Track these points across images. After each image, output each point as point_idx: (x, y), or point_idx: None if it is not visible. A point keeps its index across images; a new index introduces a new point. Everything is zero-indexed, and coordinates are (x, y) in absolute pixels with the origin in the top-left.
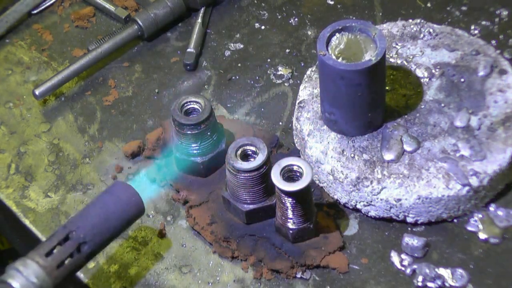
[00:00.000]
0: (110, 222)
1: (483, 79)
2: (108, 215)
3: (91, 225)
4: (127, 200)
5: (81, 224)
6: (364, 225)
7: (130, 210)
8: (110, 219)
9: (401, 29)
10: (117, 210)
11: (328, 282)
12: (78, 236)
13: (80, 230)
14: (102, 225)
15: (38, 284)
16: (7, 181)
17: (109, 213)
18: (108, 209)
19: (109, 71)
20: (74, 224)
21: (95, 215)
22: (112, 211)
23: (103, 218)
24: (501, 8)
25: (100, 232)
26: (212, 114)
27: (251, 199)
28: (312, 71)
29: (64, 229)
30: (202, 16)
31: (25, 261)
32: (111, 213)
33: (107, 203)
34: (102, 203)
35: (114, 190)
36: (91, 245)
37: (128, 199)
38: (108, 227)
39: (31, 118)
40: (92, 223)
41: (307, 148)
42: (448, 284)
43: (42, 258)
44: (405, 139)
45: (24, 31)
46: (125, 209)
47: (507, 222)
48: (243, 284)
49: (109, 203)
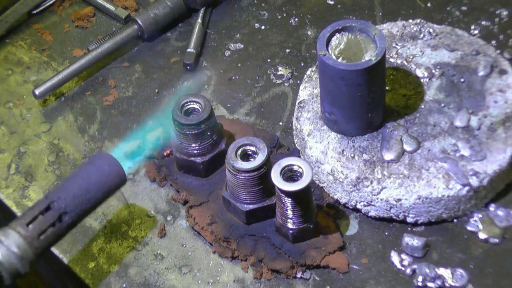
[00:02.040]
0: (91, 192)
1: (483, 79)
2: (90, 185)
3: (72, 195)
4: (108, 170)
5: (62, 194)
6: (364, 225)
7: (111, 180)
8: (92, 189)
9: (401, 29)
10: (98, 180)
11: (328, 282)
12: (60, 206)
13: (61, 200)
14: (83, 195)
15: (19, 253)
16: (7, 181)
17: (91, 183)
18: (90, 179)
19: (109, 71)
20: (56, 195)
21: (76, 185)
22: (94, 181)
23: (84, 188)
24: (501, 8)
25: (81, 202)
26: (212, 114)
27: (251, 199)
28: (312, 71)
29: (45, 199)
30: (202, 16)
31: (6, 231)
32: (92, 183)
33: (88, 173)
34: (83, 173)
35: (96, 160)
36: (72, 215)
37: (109, 169)
38: (89, 197)
39: (31, 118)
40: (73, 193)
41: (307, 148)
42: (448, 284)
43: (24, 228)
44: (405, 139)
45: (24, 31)
46: (106, 179)
47: (507, 222)
48: (243, 284)
49: (91, 173)
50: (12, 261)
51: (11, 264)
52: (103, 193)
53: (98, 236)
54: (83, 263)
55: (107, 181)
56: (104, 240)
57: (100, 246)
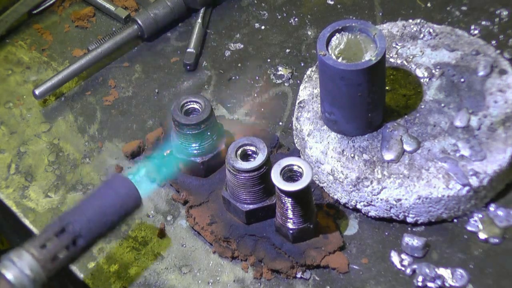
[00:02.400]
0: (106, 216)
1: (483, 79)
2: (105, 209)
3: (88, 219)
4: (124, 194)
5: (78, 217)
6: (364, 225)
7: (127, 204)
8: (107, 212)
9: (401, 29)
10: (114, 204)
11: (328, 282)
12: (74, 229)
13: (76, 223)
14: (99, 218)
15: (32, 276)
16: (7, 181)
17: (106, 207)
18: (105, 202)
19: (109, 71)
20: (71, 217)
21: (92, 208)
22: (109, 205)
23: (100, 212)
24: (501, 8)
25: (96, 225)
26: (212, 114)
27: (251, 199)
28: (312, 71)
29: (60, 221)
30: (202, 16)
31: (20, 252)
32: (108, 206)
33: (104, 196)
34: (99, 196)
35: (112, 183)
36: (87, 239)
37: (125, 193)
38: (104, 221)
39: (31, 118)
40: (89, 216)
41: (307, 148)
42: (448, 284)
43: (37, 250)
44: (405, 139)
45: (24, 31)
46: (122, 203)
47: (507, 222)
48: (243, 284)
49: (107, 196)
50: (25, 284)
51: (23, 287)
52: (119, 217)
53: None
54: (83, 263)
55: (123, 205)
56: (104, 240)
57: (100, 246)
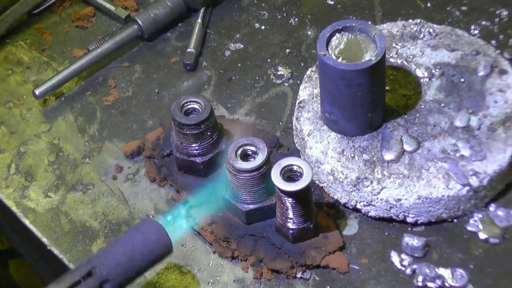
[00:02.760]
0: (135, 261)
1: (483, 79)
2: (134, 254)
3: (116, 263)
4: (155, 240)
5: (106, 260)
6: (364, 225)
7: (157, 250)
8: (136, 258)
9: (401, 29)
10: (144, 249)
11: (328, 282)
12: (102, 273)
13: (104, 267)
14: (127, 263)
15: None
16: (7, 181)
17: (136, 252)
18: (135, 247)
19: (109, 71)
20: (99, 260)
21: (120, 253)
22: (139, 250)
23: (129, 256)
24: (501, 8)
25: (124, 270)
26: (212, 114)
27: (251, 199)
28: (312, 71)
29: (88, 263)
30: (202, 16)
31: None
32: (137, 251)
33: (134, 240)
34: (129, 240)
35: (143, 227)
36: (114, 283)
37: (156, 239)
38: (132, 266)
39: (31, 118)
40: (117, 260)
41: (307, 148)
42: (448, 284)
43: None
44: (405, 139)
45: (24, 31)
46: (152, 248)
47: (507, 222)
48: (243, 284)
49: (137, 241)
50: None
51: None
52: (148, 263)
53: (98, 236)
54: None
55: (153, 250)
56: (104, 240)
57: (100, 246)
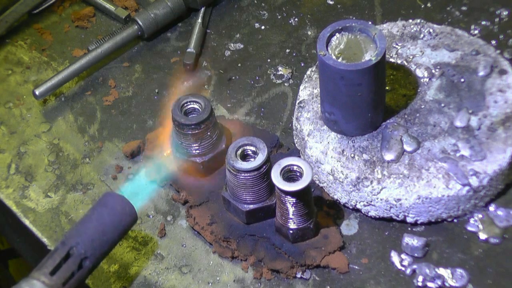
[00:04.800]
0: (107, 234)
1: (483, 79)
2: (105, 228)
3: (90, 240)
4: (121, 211)
5: (80, 239)
6: (364, 225)
7: (125, 220)
8: (107, 231)
9: (401, 29)
10: (113, 222)
11: (328, 282)
12: (79, 252)
13: (80, 245)
14: (100, 238)
15: None
16: (7, 181)
17: (106, 226)
18: (104, 221)
19: (109, 71)
20: (73, 240)
21: (92, 229)
22: (108, 223)
23: (101, 231)
24: (501, 8)
25: (100, 245)
26: (212, 114)
27: (251, 199)
28: (312, 71)
29: (63, 245)
30: (202, 16)
31: (31, 282)
32: (107, 225)
33: (102, 215)
34: (97, 216)
35: (107, 201)
36: (92, 259)
37: (122, 210)
38: (106, 240)
39: (31, 118)
40: (91, 237)
41: (307, 148)
42: (448, 284)
43: (48, 278)
44: (405, 139)
45: (24, 31)
46: (120, 220)
47: (507, 222)
48: (243, 284)
49: (104, 215)
50: None
51: None
52: (119, 234)
53: None
54: None
55: (121, 221)
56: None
57: None
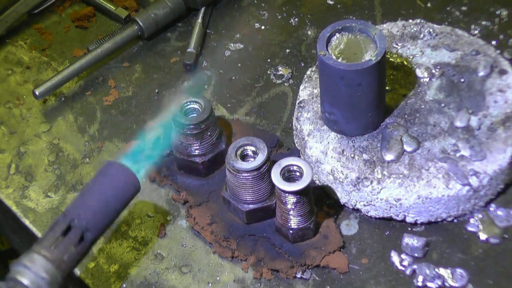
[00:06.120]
0: (109, 205)
1: (483, 79)
2: (107, 199)
3: (92, 211)
4: (124, 181)
5: (82, 211)
6: (364, 225)
7: (128, 191)
8: (110, 202)
9: (401, 29)
10: (115, 193)
11: (328, 282)
12: (81, 224)
13: (81, 217)
14: (102, 209)
15: (49, 279)
16: (7, 181)
17: (108, 197)
18: (106, 192)
19: (109, 71)
20: (75, 212)
21: (94, 200)
22: (110, 194)
23: (103, 202)
24: (501, 8)
25: (101, 217)
26: (212, 114)
27: (251, 199)
28: (312, 71)
29: (65, 217)
30: (202, 16)
31: (32, 256)
32: (109, 196)
33: (104, 186)
34: (99, 186)
35: (110, 171)
36: (94, 232)
37: (125, 180)
38: (108, 211)
39: (31, 118)
40: (93, 209)
41: (307, 148)
42: (448, 284)
43: (49, 251)
44: (405, 139)
45: (24, 31)
46: (123, 190)
47: (507, 222)
48: (243, 284)
49: (107, 186)
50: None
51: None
52: (121, 204)
53: None
54: (83, 263)
55: (123, 192)
56: (104, 240)
57: (100, 246)
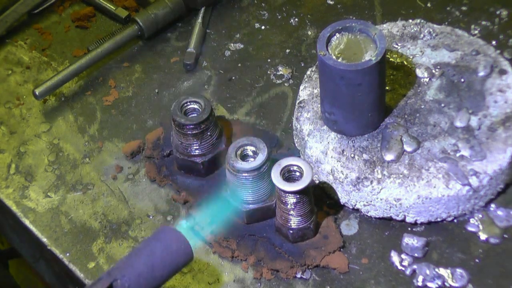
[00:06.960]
0: (156, 271)
1: (483, 79)
2: (155, 264)
3: (137, 274)
4: (176, 248)
5: (126, 272)
6: (364, 225)
7: (178, 258)
8: (157, 268)
9: (401, 29)
10: (165, 259)
11: (328, 282)
12: (123, 285)
13: (125, 279)
14: (148, 274)
15: None
16: (7, 181)
17: (156, 262)
18: (156, 257)
19: (109, 71)
20: (119, 272)
21: (141, 263)
22: (160, 260)
23: (150, 267)
24: (501, 8)
25: (146, 281)
26: (212, 114)
27: (251, 199)
28: (312, 71)
29: (108, 276)
30: (202, 16)
31: None
32: (158, 261)
33: (154, 250)
34: (149, 250)
35: (163, 236)
36: None
37: (177, 247)
38: (154, 276)
39: (31, 118)
40: (138, 271)
41: (307, 148)
42: (448, 284)
43: None
44: (405, 139)
45: (24, 31)
46: (173, 257)
47: (507, 222)
48: (243, 284)
49: (157, 250)
50: None
51: None
52: (169, 272)
53: (98, 236)
54: (83, 263)
55: (174, 259)
56: (104, 240)
57: (100, 246)
